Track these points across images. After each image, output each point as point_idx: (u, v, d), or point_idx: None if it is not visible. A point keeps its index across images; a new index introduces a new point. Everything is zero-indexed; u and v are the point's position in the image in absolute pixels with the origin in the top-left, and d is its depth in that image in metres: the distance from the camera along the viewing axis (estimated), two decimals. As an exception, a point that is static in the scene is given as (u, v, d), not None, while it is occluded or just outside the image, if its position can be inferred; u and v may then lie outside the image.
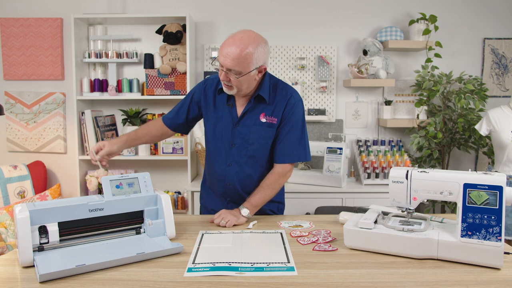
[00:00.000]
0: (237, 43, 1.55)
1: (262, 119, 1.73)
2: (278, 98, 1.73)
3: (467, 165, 3.29)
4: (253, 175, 1.78)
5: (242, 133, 1.74)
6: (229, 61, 1.55)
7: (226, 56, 1.56)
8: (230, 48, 1.55)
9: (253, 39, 1.58)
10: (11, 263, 1.26)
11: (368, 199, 2.79)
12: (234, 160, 1.76)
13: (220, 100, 1.78)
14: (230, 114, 1.75)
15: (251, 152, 1.75)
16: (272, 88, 1.74)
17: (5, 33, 3.17)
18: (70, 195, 3.25)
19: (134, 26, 3.20)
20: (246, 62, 1.56)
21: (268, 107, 1.73)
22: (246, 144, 1.74)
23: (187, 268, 1.22)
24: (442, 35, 3.17)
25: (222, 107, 1.77)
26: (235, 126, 1.74)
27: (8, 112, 3.22)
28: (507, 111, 2.56)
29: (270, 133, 1.74)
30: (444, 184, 1.29)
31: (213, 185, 1.87)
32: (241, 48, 1.54)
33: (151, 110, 3.24)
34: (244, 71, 1.58)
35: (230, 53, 1.55)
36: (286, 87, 1.76)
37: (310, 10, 3.22)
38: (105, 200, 1.38)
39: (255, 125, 1.73)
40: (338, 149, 2.85)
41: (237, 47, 1.54)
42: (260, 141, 1.74)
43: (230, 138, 1.75)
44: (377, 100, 3.28)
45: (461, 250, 1.23)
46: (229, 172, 1.77)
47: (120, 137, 1.80)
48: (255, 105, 1.73)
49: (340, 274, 1.18)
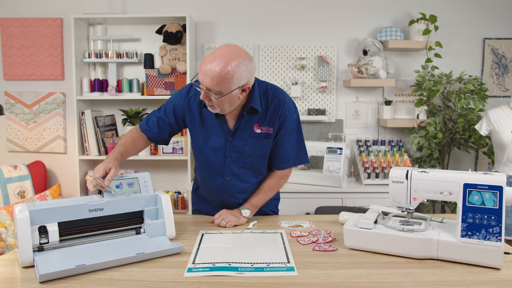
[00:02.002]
0: (217, 60, 1.40)
1: (256, 130, 1.63)
2: (271, 107, 1.63)
3: (467, 165, 3.29)
4: (252, 186, 1.74)
5: (236, 146, 1.65)
6: (208, 80, 1.41)
7: (205, 75, 1.41)
8: (210, 65, 1.40)
9: (235, 56, 1.41)
10: (11, 263, 1.26)
11: (368, 199, 2.79)
12: (232, 173, 1.69)
13: (207, 114, 1.64)
14: (221, 129, 1.64)
15: (248, 164, 1.68)
16: (262, 96, 1.63)
17: (5, 33, 3.17)
18: (70, 195, 3.25)
19: (134, 26, 3.20)
20: (226, 82, 1.41)
21: (262, 117, 1.63)
22: (243, 157, 1.67)
23: (187, 268, 1.22)
24: (442, 35, 3.17)
25: (210, 121, 1.64)
26: (228, 140, 1.65)
27: (8, 112, 3.22)
28: (507, 111, 2.56)
29: (267, 144, 1.67)
30: (444, 184, 1.29)
31: (209, 197, 1.81)
32: (221, 67, 1.39)
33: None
34: (225, 91, 1.43)
35: (209, 71, 1.40)
36: (277, 93, 1.65)
37: (310, 10, 3.22)
38: (105, 200, 1.38)
39: (250, 137, 1.64)
40: (338, 149, 2.85)
41: (217, 64, 1.39)
42: (257, 152, 1.67)
43: (224, 152, 1.66)
44: (377, 100, 3.28)
45: (461, 250, 1.23)
46: (228, 185, 1.71)
47: (115, 156, 1.54)
48: (248, 117, 1.62)
49: (340, 274, 1.18)
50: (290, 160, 1.72)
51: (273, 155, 1.72)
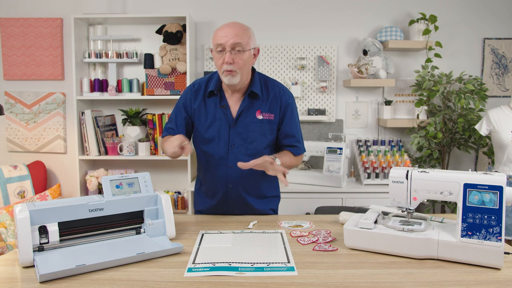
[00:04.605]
0: (232, 25, 1.63)
1: (258, 116, 1.74)
2: (271, 94, 1.76)
3: (467, 165, 3.29)
4: (255, 175, 1.77)
5: (240, 132, 1.73)
6: (232, 36, 1.59)
7: (227, 35, 1.60)
8: (228, 29, 1.61)
9: (243, 24, 1.66)
10: (11, 263, 1.26)
11: (368, 199, 2.79)
12: (235, 161, 1.73)
13: (210, 103, 1.75)
14: (224, 116, 1.73)
15: (251, 151, 1.74)
16: (263, 85, 1.77)
17: (5, 33, 3.17)
18: (70, 195, 3.25)
19: (134, 26, 3.20)
20: (247, 36, 1.62)
21: (263, 104, 1.74)
22: (245, 144, 1.74)
23: (187, 268, 1.22)
24: (442, 35, 3.17)
25: (214, 110, 1.75)
26: (232, 126, 1.73)
27: (8, 112, 3.23)
28: (507, 111, 2.57)
29: (269, 130, 1.75)
30: (444, 184, 1.29)
31: (212, 189, 1.83)
32: (239, 26, 1.62)
33: (151, 110, 3.24)
34: (246, 47, 1.63)
35: (231, 31, 1.60)
36: (277, 84, 1.80)
37: (310, 10, 3.22)
38: (105, 200, 1.38)
39: (252, 123, 1.73)
40: (338, 149, 2.85)
41: (235, 26, 1.62)
42: (260, 138, 1.74)
43: (228, 139, 1.74)
44: (377, 100, 3.28)
45: (461, 250, 1.23)
46: (231, 173, 1.75)
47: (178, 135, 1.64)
48: (249, 102, 1.73)
49: (340, 274, 1.18)
50: (299, 142, 1.81)
51: (282, 140, 1.79)
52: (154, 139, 3.10)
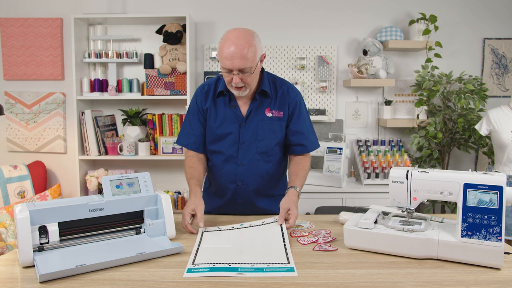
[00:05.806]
0: (236, 43, 1.54)
1: (268, 113, 1.75)
2: (279, 92, 1.77)
3: (467, 165, 3.29)
4: (265, 173, 1.79)
5: (250, 131, 1.75)
6: (238, 61, 1.54)
7: (233, 58, 1.54)
8: (234, 48, 1.54)
9: (247, 34, 1.59)
10: (11, 263, 1.26)
11: (368, 199, 2.79)
12: (245, 159, 1.76)
13: (220, 103, 1.77)
14: (234, 115, 1.75)
15: (261, 148, 1.76)
16: (271, 84, 1.78)
17: (5, 33, 3.17)
18: (70, 195, 3.25)
19: (134, 26, 3.20)
20: (253, 53, 1.57)
21: (272, 102, 1.76)
22: (256, 141, 1.75)
23: (186, 268, 1.22)
24: (442, 35, 3.17)
25: (224, 109, 1.76)
26: (242, 125, 1.75)
27: (8, 112, 3.22)
28: (507, 111, 2.56)
29: (278, 127, 1.76)
30: (444, 184, 1.29)
31: (221, 188, 1.84)
32: (243, 45, 1.54)
33: (151, 110, 3.24)
34: (254, 65, 1.59)
35: (236, 53, 1.54)
36: (285, 82, 1.81)
37: (310, 10, 3.22)
38: (105, 200, 1.38)
39: (262, 121, 1.75)
40: (338, 149, 2.85)
41: (239, 46, 1.54)
42: (269, 135, 1.76)
43: (238, 137, 1.76)
44: (377, 100, 3.28)
45: (461, 250, 1.23)
46: (241, 171, 1.77)
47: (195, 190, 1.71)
48: (259, 101, 1.75)
49: (340, 274, 1.18)
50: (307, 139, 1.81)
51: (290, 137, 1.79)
52: (154, 139, 3.10)
